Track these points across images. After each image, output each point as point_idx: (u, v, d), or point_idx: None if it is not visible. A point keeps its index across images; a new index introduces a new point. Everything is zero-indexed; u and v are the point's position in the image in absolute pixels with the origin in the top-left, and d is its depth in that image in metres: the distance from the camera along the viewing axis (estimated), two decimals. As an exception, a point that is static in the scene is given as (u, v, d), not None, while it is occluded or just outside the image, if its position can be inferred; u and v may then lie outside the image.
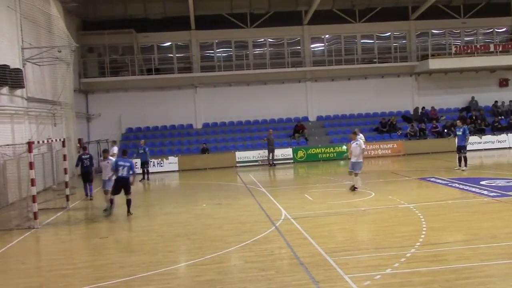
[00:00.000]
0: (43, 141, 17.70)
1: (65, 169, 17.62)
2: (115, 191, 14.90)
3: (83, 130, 30.87)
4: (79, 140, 27.36)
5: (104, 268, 9.51)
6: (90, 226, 13.97)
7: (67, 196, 17.21)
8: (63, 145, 17.85)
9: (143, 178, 24.49)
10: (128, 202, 14.77)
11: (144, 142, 26.10)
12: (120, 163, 14.65)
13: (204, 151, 30.01)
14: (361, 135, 20.79)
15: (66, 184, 17.41)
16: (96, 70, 32.47)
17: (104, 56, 32.59)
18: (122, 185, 14.67)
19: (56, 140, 18.99)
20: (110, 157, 16.41)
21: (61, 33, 21.06)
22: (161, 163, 28.96)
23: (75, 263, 10.21)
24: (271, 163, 28.52)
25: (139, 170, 23.51)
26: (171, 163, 29.00)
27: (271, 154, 28.53)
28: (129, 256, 10.24)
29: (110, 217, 14.78)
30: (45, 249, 11.92)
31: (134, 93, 32.29)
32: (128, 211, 14.72)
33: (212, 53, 34.01)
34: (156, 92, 32.46)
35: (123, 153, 16.54)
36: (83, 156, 19.27)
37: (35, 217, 13.85)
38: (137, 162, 24.42)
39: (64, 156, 17.73)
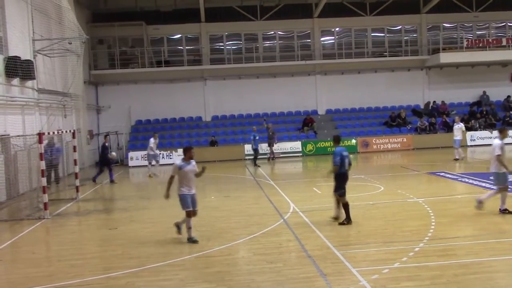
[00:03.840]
0: (53, 133, 17.82)
1: (75, 160, 17.73)
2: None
3: (93, 122, 31.07)
4: (89, 132, 27.54)
5: (113, 259, 9.58)
6: (99, 217, 14.07)
7: (77, 187, 17.33)
8: (73, 137, 17.96)
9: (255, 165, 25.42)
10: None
11: (255, 129, 27.09)
12: (345, 153, 12.29)
13: (213, 143, 30.05)
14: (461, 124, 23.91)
15: (76, 175, 17.52)
16: (106, 62, 32.61)
17: (114, 48, 32.68)
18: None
19: (66, 131, 19.12)
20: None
21: (71, 25, 21.17)
22: (170, 155, 29.05)
23: (84, 253, 10.29)
24: (270, 157, 28.07)
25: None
26: (180, 155, 28.73)
27: (270, 148, 28.04)
28: (138, 247, 10.30)
29: (124, 209, 14.81)
30: (54, 240, 12.02)
31: (144, 85, 32.37)
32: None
33: (222, 45, 33.98)
34: (165, 85, 32.52)
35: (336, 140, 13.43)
36: (106, 144, 21.77)
37: (45, 208, 13.96)
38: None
39: (74, 148, 17.84)
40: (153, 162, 23.75)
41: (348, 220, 11.34)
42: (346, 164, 11.84)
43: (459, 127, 23.83)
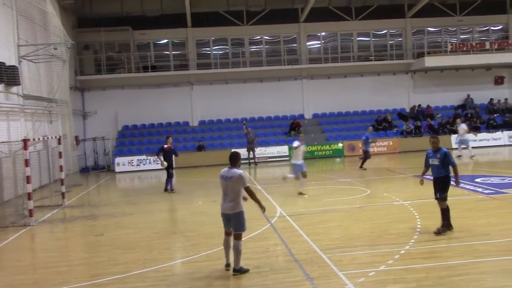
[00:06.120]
0: (39, 139, 17.69)
1: (61, 167, 17.61)
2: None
3: (79, 128, 30.85)
4: (75, 138, 27.36)
5: (99, 265, 9.53)
6: (86, 224, 13.97)
7: (62, 194, 17.21)
8: (59, 143, 17.84)
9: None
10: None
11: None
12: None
13: (200, 148, 30.02)
14: None
15: (62, 181, 17.40)
16: (92, 68, 32.45)
17: (100, 54, 32.55)
18: None
19: (52, 137, 18.98)
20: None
21: (57, 30, 21.02)
22: (157, 161, 28.82)
23: (71, 260, 10.23)
24: (251, 162, 27.98)
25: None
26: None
27: (251, 153, 28.01)
28: (124, 253, 10.25)
29: (110, 215, 14.75)
30: (40, 246, 11.93)
31: (131, 91, 32.27)
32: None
33: (209, 50, 34.01)
34: (152, 90, 32.45)
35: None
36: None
37: (31, 215, 13.86)
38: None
39: (60, 154, 17.72)
40: None
41: (449, 226, 10.39)
42: None
43: (462, 127, 24.61)
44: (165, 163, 18.42)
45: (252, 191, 8.51)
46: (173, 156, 19.08)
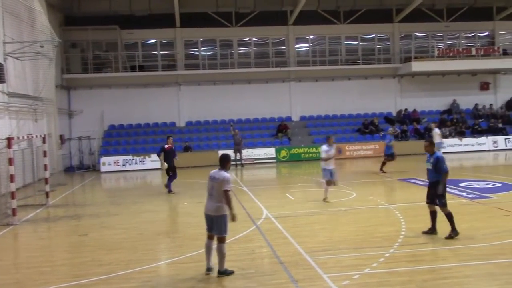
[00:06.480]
0: (23, 137, 17.51)
1: (45, 166, 17.44)
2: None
3: (65, 127, 30.59)
4: (61, 137, 27.12)
5: (83, 266, 9.44)
6: (70, 224, 13.84)
7: (47, 193, 17.03)
8: (44, 141, 17.66)
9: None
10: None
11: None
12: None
13: (187, 149, 29.92)
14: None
15: (46, 180, 17.23)
16: (79, 66, 32.22)
17: (88, 52, 32.35)
18: None
19: (36, 136, 18.79)
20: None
21: (43, 28, 20.84)
22: (144, 161, 28.84)
23: (54, 260, 10.12)
24: (238, 163, 27.90)
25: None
26: (154, 161, 28.78)
27: (238, 154, 27.94)
28: (108, 254, 10.16)
29: (95, 215, 14.63)
30: (23, 246, 11.78)
31: (118, 90, 32.07)
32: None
33: (197, 51, 33.94)
34: (139, 89, 32.28)
35: None
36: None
37: (14, 214, 13.69)
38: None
39: (45, 153, 17.54)
40: None
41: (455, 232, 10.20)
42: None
43: (436, 131, 24.63)
44: (165, 164, 18.05)
45: (229, 197, 8.33)
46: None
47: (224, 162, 8.55)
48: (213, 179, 8.45)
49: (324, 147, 14.79)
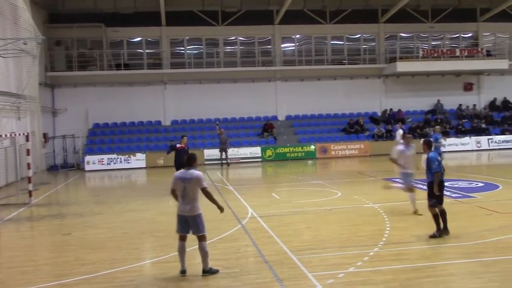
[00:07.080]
0: (6, 135, 17.29)
1: (29, 164, 17.24)
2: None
3: (49, 125, 30.27)
4: (44, 135, 26.84)
5: (66, 265, 9.34)
6: (53, 223, 13.69)
7: (30, 192, 16.84)
8: (27, 140, 17.45)
9: None
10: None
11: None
12: (439, 158, 10.67)
13: (172, 148, 29.72)
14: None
15: (29, 179, 17.03)
16: (63, 64, 31.91)
17: (72, 50, 32.06)
18: None
19: (20, 134, 18.57)
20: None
21: (27, 25, 20.57)
22: (129, 160, 28.66)
23: (36, 259, 10.01)
24: (223, 162, 27.83)
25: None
26: (139, 159, 28.74)
27: (223, 153, 27.83)
28: (92, 253, 10.07)
29: (78, 214, 14.49)
30: (5, 246, 11.62)
31: (102, 88, 31.82)
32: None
33: (183, 49, 33.81)
34: (124, 88, 32.08)
35: None
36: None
37: (-4, 213, 13.52)
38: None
39: (28, 151, 17.34)
40: None
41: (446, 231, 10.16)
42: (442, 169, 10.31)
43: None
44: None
45: (209, 192, 8.38)
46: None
47: (191, 161, 8.52)
48: (184, 180, 8.34)
49: (400, 147, 12.92)
